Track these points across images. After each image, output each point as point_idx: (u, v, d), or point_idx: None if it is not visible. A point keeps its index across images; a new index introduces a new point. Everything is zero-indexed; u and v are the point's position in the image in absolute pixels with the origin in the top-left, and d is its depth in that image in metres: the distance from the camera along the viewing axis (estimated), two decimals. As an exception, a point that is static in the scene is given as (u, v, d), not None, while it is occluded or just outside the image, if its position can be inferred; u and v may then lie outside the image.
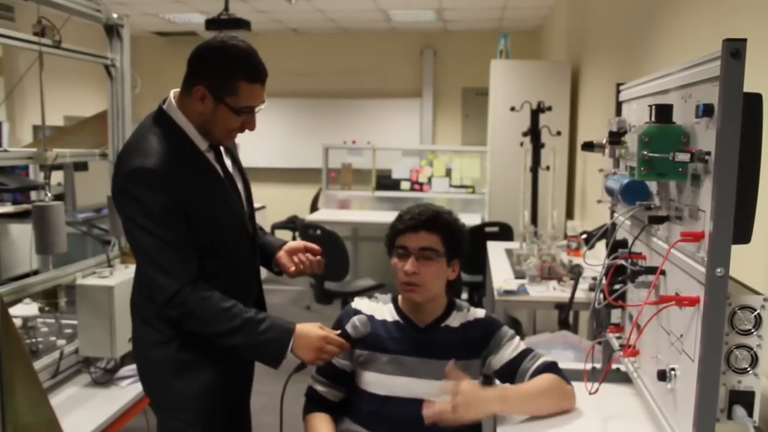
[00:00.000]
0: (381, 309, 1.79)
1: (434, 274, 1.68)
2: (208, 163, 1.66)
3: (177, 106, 1.63)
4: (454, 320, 1.75)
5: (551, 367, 1.64)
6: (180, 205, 1.56)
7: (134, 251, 1.64)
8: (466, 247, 1.76)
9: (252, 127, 1.65)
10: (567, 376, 1.64)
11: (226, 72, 1.56)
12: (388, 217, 1.93)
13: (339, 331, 1.67)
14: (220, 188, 1.67)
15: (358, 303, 1.82)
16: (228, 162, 1.75)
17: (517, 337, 1.74)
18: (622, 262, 1.44)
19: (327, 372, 1.77)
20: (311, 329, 1.63)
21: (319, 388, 1.77)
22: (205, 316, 1.58)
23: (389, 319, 1.76)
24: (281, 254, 1.86)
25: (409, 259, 1.67)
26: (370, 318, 1.75)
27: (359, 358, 1.73)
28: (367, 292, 4.66)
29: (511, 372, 1.68)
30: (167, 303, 1.57)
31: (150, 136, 1.61)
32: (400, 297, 1.79)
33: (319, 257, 1.85)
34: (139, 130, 1.67)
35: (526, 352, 1.69)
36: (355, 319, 1.68)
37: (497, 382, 1.73)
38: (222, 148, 1.74)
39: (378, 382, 1.70)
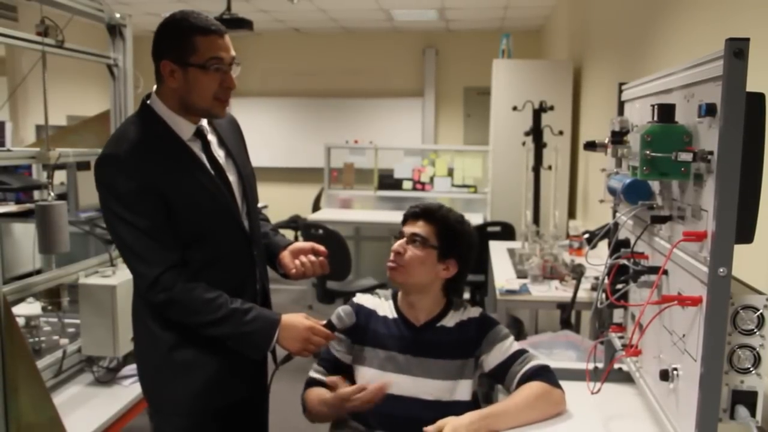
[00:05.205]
0: (383, 305, 1.80)
1: (418, 260, 1.70)
2: (189, 152, 1.63)
3: (157, 97, 1.64)
4: (450, 320, 1.75)
5: (539, 372, 1.62)
6: (154, 192, 1.54)
7: (114, 241, 1.63)
8: (468, 250, 1.76)
9: (231, 84, 1.61)
10: (557, 378, 1.62)
11: (179, 34, 1.56)
12: (390, 216, 1.94)
13: (324, 322, 1.68)
14: (203, 177, 1.63)
15: (360, 298, 1.84)
16: (221, 153, 1.72)
17: (511, 338, 1.73)
18: (625, 261, 1.44)
19: (327, 364, 1.78)
20: (297, 320, 1.63)
21: (318, 377, 1.77)
22: (190, 306, 1.56)
23: (390, 316, 1.77)
24: (284, 254, 1.81)
25: (400, 240, 1.73)
26: (372, 314, 1.77)
27: (359, 352, 1.74)
28: (368, 291, 4.65)
29: (501, 375, 1.68)
30: (149, 290, 1.56)
31: (127, 126, 1.63)
32: (399, 294, 1.81)
33: (321, 258, 1.79)
34: (121, 124, 1.70)
35: (516, 355, 1.68)
36: (340, 309, 1.74)
37: (498, 392, 1.73)
38: (215, 140, 1.71)
39: (373, 378, 1.70)
